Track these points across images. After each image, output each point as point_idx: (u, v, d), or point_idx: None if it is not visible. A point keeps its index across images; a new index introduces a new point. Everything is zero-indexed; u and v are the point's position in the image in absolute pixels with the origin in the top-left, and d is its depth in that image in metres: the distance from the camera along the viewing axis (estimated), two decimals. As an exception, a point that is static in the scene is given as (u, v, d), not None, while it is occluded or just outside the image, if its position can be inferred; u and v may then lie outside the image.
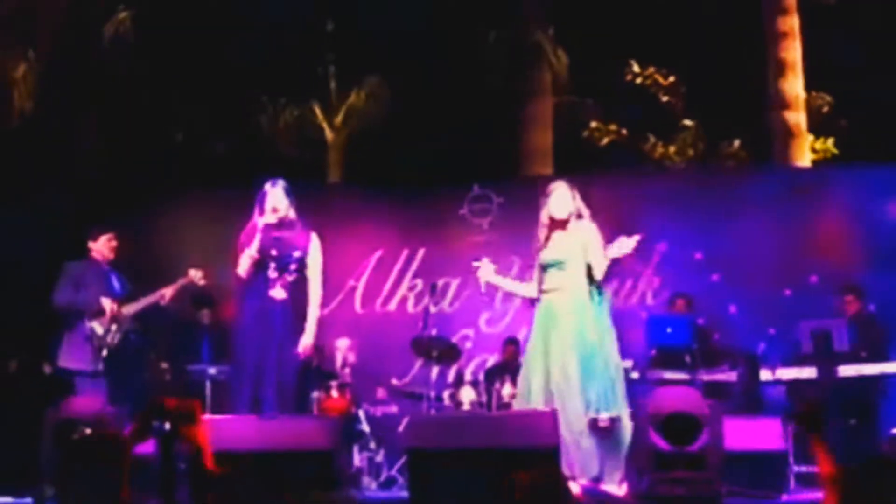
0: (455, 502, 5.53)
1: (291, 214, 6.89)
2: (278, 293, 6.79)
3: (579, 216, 6.75)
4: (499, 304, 10.48)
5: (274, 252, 6.79)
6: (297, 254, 6.85)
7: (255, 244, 6.75)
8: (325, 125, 15.30)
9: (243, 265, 6.78)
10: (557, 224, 6.77)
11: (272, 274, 6.79)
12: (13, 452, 7.90)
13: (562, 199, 6.77)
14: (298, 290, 6.85)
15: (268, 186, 6.89)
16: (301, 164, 14.53)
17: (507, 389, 8.34)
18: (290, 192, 6.93)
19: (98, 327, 7.76)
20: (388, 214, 10.98)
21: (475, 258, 7.14)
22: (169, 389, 8.89)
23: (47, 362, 8.10)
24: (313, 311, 6.91)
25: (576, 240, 6.68)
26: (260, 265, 6.79)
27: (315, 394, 8.82)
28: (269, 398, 6.61)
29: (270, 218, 6.78)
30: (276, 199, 6.82)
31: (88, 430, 5.68)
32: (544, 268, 6.76)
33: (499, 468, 4.93)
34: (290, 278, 6.82)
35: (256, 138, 15.19)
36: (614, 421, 6.37)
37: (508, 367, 9.17)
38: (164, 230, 10.65)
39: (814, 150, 14.75)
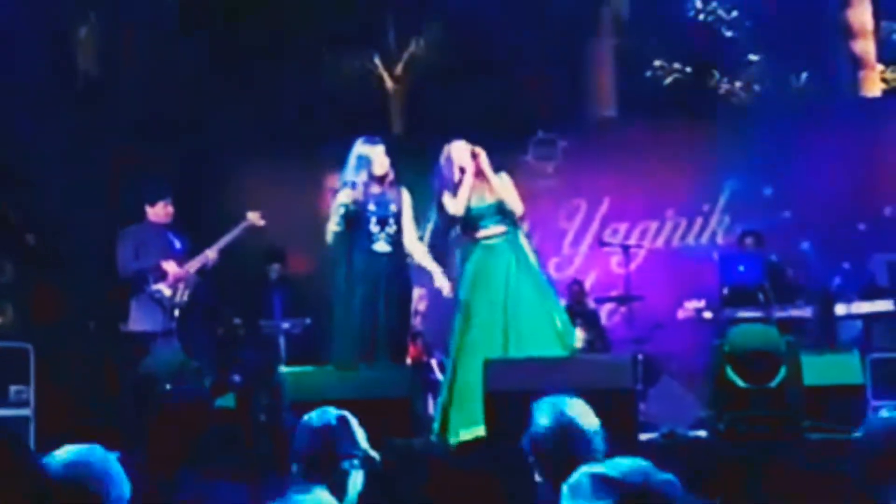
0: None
1: (391, 173, 6.99)
2: (382, 246, 6.86)
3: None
4: (567, 248, 10.43)
5: (372, 207, 6.86)
6: (392, 207, 6.92)
7: (346, 201, 6.79)
8: (385, 75, 15.24)
9: (332, 229, 6.84)
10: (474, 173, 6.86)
11: (374, 228, 6.85)
12: (96, 410, 8.03)
13: (459, 151, 6.92)
14: (400, 242, 6.93)
15: (367, 147, 6.94)
16: (363, 115, 14.50)
17: (577, 333, 8.32)
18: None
19: (165, 290, 7.83)
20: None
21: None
22: (243, 344, 8.97)
23: (123, 322, 8.19)
24: (430, 264, 7.04)
25: (499, 185, 6.85)
26: (360, 221, 6.84)
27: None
28: (381, 349, 6.69)
29: (364, 177, 6.85)
30: (382, 160, 6.93)
31: (168, 387, 5.75)
32: (478, 217, 6.80)
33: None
34: (391, 230, 6.88)
35: (317, 90, 15.16)
36: None
37: (574, 309, 9.17)
38: (228, 185, 10.69)
39: (884, 80, 14.45)
